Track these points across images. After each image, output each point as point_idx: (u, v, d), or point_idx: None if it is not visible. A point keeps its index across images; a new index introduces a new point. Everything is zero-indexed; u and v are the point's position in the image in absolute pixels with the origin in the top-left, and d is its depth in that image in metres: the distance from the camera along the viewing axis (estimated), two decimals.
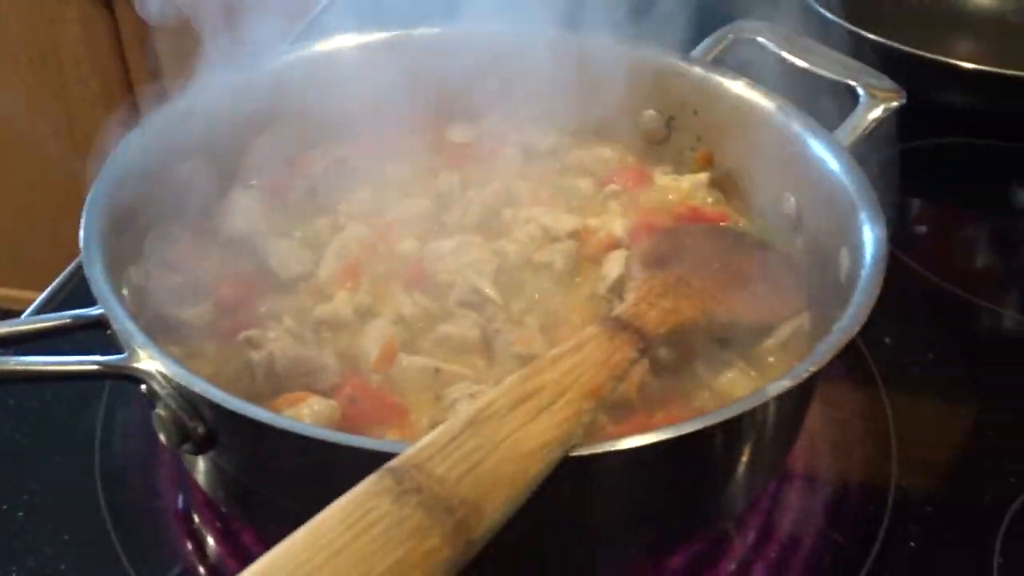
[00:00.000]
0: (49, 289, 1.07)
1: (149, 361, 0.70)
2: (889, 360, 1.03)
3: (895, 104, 1.01)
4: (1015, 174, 1.39)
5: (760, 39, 1.11)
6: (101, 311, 0.74)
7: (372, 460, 0.57)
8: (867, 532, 0.86)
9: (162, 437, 0.71)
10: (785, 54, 1.08)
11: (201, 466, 0.78)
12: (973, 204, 1.35)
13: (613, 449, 0.63)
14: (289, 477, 0.71)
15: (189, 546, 0.86)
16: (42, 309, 1.04)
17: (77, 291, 1.07)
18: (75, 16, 2.21)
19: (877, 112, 1.00)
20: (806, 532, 0.87)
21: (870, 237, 0.82)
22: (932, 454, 0.95)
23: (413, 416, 0.79)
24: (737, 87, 1.03)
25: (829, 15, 1.38)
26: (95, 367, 0.72)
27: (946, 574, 0.84)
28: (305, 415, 0.76)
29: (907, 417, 0.97)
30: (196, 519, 0.88)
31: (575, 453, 0.62)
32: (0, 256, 2.58)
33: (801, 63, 1.06)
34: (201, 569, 0.84)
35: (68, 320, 0.77)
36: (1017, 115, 1.32)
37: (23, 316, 0.93)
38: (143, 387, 0.71)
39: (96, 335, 0.76)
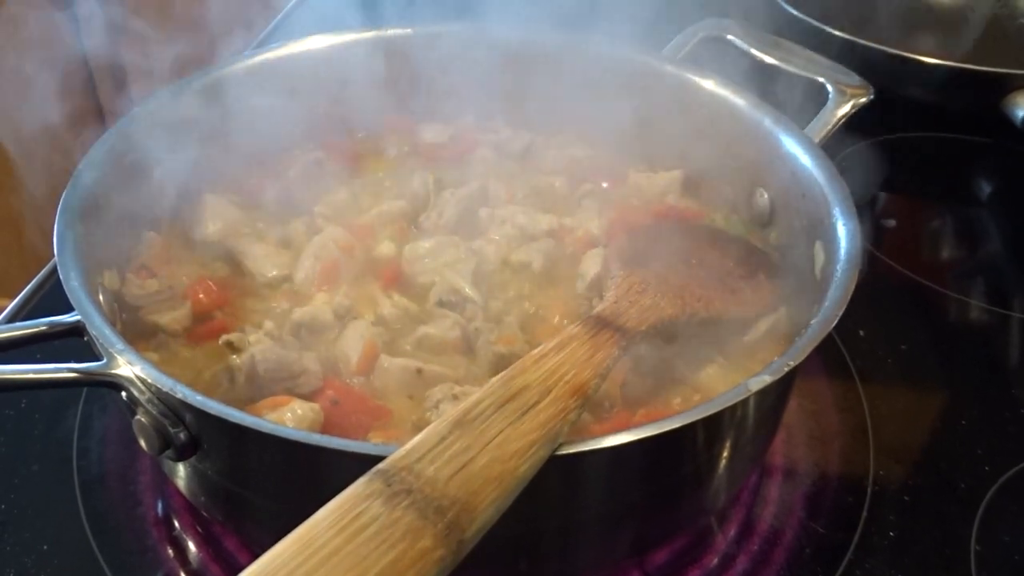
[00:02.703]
0: (20, 296, 1.05)
1: (128, 367, 0.69)
2: (863, 352, 1.04)
3: (863, 100, 1.02)
4: (979, 167, 1.41)
5: (729, 36, 1.12)
6: (78, 318, 0.73)
7: (361, 463, 0.57)
8: (847, 522, 0.88)
9: (143, 444, 0.70)
10: (754, 51, 1.09)
11: (182, 472, 0.77)
12: (939, 197, 1.37)
13: (598, 447, 0.64)
14: (274, 481, 0.71)
15: (170, 552, 0.85)
16: (14, 317, 1.02)
17: (47, 298, 1.06)
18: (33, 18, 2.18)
19: (846, 108, 1.01)
20: (787, 524, 0.87)
21: (844, 232, 0.83)
22: (908, 444, 0.96)
23: (396, 417, 0.79)
24: (708, 84, 1.03)
25: (796, 12, 1.40)
26: (74, 375, 0.71)
27: (925, 561, 0.85)
28: (288, 419, 0.75)
29: (883, 408, 0.98)
30: (176, 525, 0.87)
31: (560, 452, 0.62)
32: None
33: (770, 60, 1.08)
34: (182, 574, 0.84)
35: (44, 327, 0.76)
36: (979, 109, 1.34)
37: None
38: (123, 394, 0.70)
39: (62, 342, 0.75)
